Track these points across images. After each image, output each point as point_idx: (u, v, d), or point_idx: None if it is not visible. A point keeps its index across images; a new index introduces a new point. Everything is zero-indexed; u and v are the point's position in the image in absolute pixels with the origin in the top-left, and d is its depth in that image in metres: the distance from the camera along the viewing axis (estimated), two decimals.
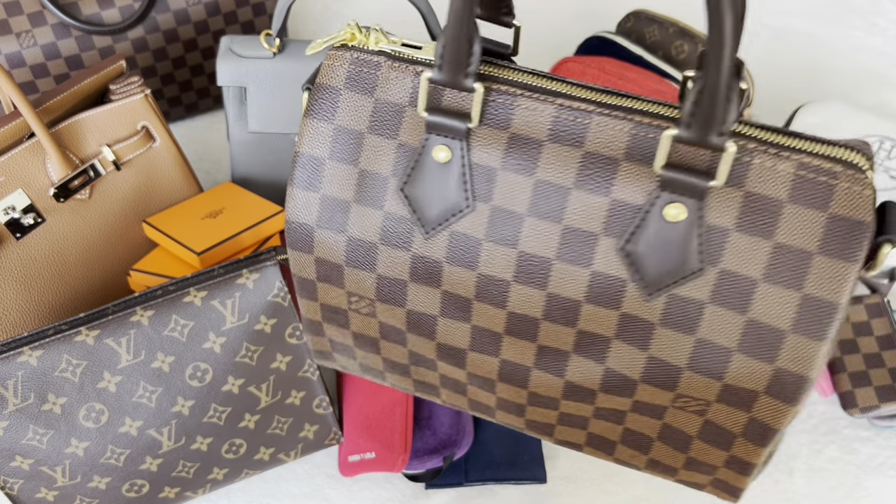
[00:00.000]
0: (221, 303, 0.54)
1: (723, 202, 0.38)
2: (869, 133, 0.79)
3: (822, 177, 0.37)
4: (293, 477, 0.66)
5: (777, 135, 0.38)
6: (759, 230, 0.37)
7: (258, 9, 0.84)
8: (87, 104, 0.67)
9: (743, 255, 0.38)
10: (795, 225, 0.37)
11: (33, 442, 0.53)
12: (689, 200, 0.37)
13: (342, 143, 0.43)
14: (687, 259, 0.38)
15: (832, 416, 0.71)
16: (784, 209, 0.37)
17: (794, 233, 0.37)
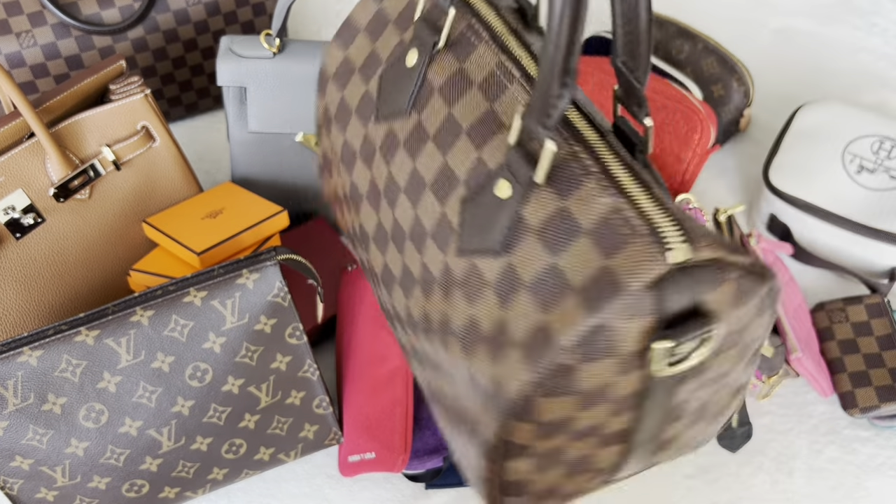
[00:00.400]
0: (221, 303, 0.54)
1: (541, 203, 0.38)
2: (868, 133, 0.79)
3: (624, 228, 0.36)
4: (293, 477, 0.66)
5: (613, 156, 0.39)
6: (557, 249, 0.38)
7: (258, 9, 0.84)
8: (86, 104, 0.67)
9: (529, 258, 0.39)
10: (585, 266, 0.37)
11: (33, 442, 0.53)
12: (516, 184, 0.39)
13: (375, 22, 0.50)
14: (492, 236, 0.40)
15: (832, 417, 0.71)
16: (581, 239, 0.37)
17: (575, 266, 0.37)
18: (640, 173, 0.38)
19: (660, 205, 0.37)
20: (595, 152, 0.39)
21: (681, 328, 0.36)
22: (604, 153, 0.39)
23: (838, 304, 0.74)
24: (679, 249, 0.35)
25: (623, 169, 0.38)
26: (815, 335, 0.73)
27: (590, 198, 0.37)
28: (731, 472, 0.67)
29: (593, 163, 0.38)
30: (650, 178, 0.39)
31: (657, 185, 0.39)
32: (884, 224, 0.74)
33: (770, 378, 0.68)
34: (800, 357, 0.68)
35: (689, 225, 0.36)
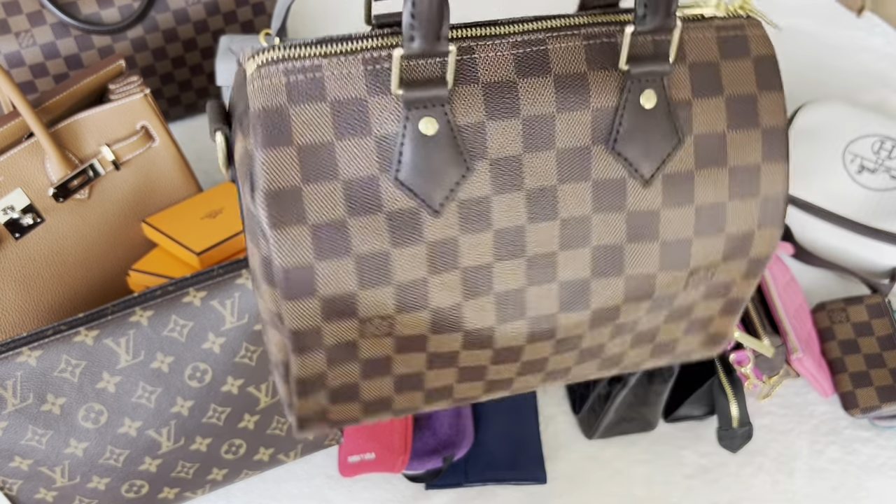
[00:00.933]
0: (221, 303, 0.54)
1: (677, 79, 0.42)
2: (869, 133, 0.79)
3: (737, 32, 0.43)
4: (293, 477, 0.66)
5: (681, 9, 0.43)
6: (711, 91, 0.43)
7: (257, 8, 0.84)
8: (86, 104, 0.67)
9: (707, 117, 0.43)
10: (735, 76, 0.43)
11: (32, 442, 0.53)
12: (656, 84, 0.41)
13: (313, 161, 0.38)
14: (667, 136, 0.42)
15: (833, 417, 0.70)
16: (721, 67, 0.43)
17: (736, 82, 0.43)
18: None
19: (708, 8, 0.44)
20: None
21: None
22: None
23: (839, 305, 0.74)
24: (754, 12, 0.44)
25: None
26: (815, 335, 0.73)
27: (699, 42, 0.43)
28: (731, 473, 0.67)
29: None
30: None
31: None
32: (884, 224, 0.74)
33: (771, 378, 0.68)
34: (800, 357, 0.68)
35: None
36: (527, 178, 0.41)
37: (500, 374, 0.48)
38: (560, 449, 0.68)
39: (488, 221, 0.41)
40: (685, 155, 0.43)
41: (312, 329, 0.41)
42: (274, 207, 0.38)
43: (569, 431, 0.69)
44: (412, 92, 0.38)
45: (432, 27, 0.37)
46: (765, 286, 0.69)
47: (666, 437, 0.69)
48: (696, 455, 0.68)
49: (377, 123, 0.39)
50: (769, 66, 0.44)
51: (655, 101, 0.42)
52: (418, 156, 0.39)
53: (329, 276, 0.40)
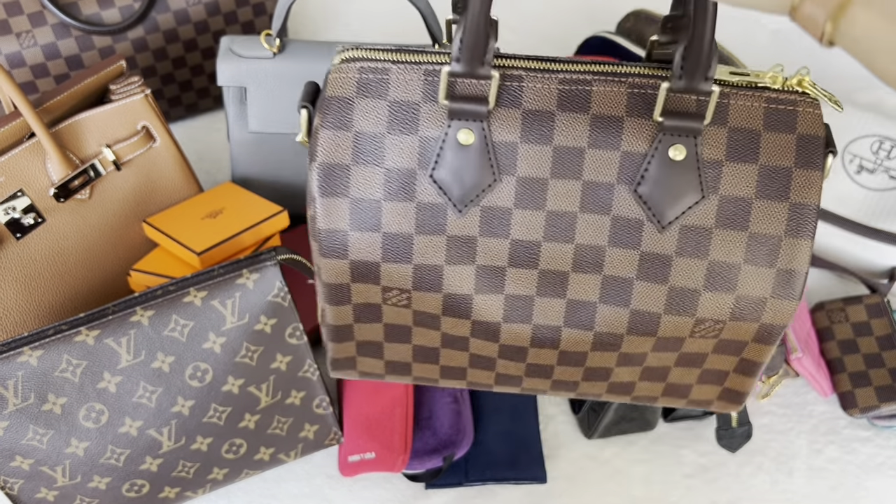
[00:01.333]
0: (221, 303, 0.54)
1: (713, 139, 0.45)
2: (868, 133, 0.79)
3: (787, 106, 0.45)
4: (293, 477, 0.66)
5: (739, 78, 0.45)
6: (745, 157, 0.45)
7: (258, 9, 0.84)
8: (87, 104, 0.67)
9: (736, 180, 0.45)
10: (773, 147, 0.45)
11: (33, 442, 0.53)
12: (686, 140, 0.44)
13: (364, 147, 0.45)
14: (691, 190, 0.45)
15: (832, 417, 0.71)
16: (762, 137, 0.45)
17: (774, 154, 0.45)
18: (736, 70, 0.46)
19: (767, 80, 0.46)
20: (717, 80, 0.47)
21: None
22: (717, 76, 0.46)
23: (838, 304, 0.74)
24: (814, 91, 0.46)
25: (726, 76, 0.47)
26: (814, 335, 0.73)
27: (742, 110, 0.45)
28: (730, 472, 0.67)
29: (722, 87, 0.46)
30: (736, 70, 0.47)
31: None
32: (884, 224, 0.74)
33: (770, 378, 0.68)
34: (799, 357, 0.68)
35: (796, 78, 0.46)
36: (549, 200, 0.45)
37: (507, 369, 0.52)
38: (560, 448, 0.68)
39: (507, 230, 0.46)
40: (706, 211, 0.45)
41: (343, 286, 0.48)
42: (324, 178, 0.45)
43: (568, 431, 0.69)
44: (455, 104, 0.44)
45: (476, 54, 0.42)
46: None
47: (665, 437, 0.69)
48: (695, 455, 0.68)
49: (424, 126, 0.45)
50: (813, 145, 0.45)
51: (684, 155, 0.44)
52: (454, 160, 0.45)
53: (359, 244, 0.46)
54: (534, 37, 1.00)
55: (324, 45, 0.73)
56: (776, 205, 0.45)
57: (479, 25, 0.41)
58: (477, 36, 0.42)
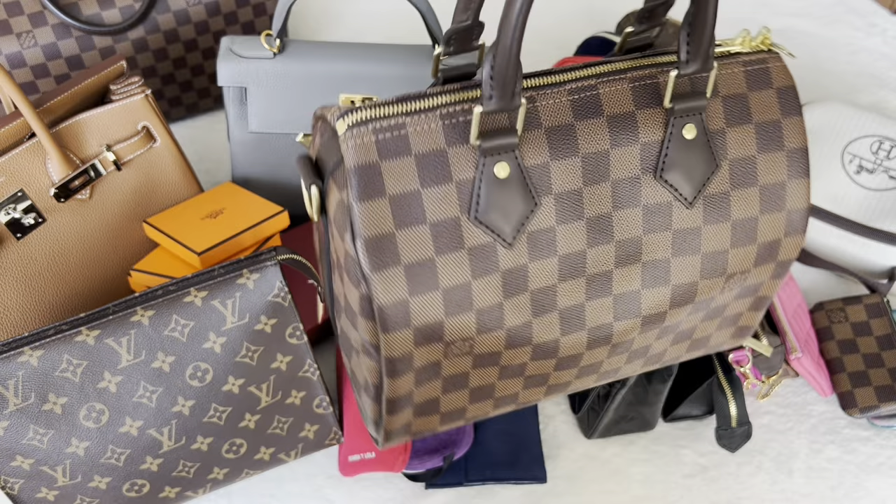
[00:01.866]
0: (222, 303, 0.54)
1: (712, 111, 0.48)
2: (868, 133, 0.79)
3: (760, 66, 0.49)
4: (293, 477, 0.66)
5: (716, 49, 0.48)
6: (742, 120, 0.48)
7: (259, 9, 0.84)
8: (87, 104, 0.67)
9: (740, 143, 0.48)
10: (760, 105, 0.48)
11: (34, 442, 0.53)
12: (695, 118, 0.47)
13: (404, 209, 0.43)
14: (706, 162, 0.47)
15: (832, 416, 0.71)
16: (749, 98, 0.48)
17: (762, 111, 0.48)
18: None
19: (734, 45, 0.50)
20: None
21: None
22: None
23: (838, 304, 0.74)
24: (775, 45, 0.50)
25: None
26: (814, 335, 0.73)
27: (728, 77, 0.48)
28: (730, 472, 0.67)
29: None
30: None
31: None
32: (883, 224, 0.74)
33: (769, 378, 0.68)
34: (799, 357, 0.68)
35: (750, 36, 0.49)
36: (586, 207, 0.46)
37: (560, 378, 0.53)
38: (560, 448, 0.68)
39: (553, 248, 0.46)
40: (722, 178, 0.48)
41: (405, 355, 0.46)
42: (373, 252, 0.43)
43: (568, 431, 0.69)
44: (488, 142, 0.43)
45: (508, 87, 0.41)
46: None
47: (665, 437, 0.69)
48: (695, 454, 0.68)
49: (456, 170, 0.44)
50: (790, 94, 0.49)
51: (695, 133, 0.47)
52: (493, 196, 0.44)
53: (421, 308, 0.44)
54: (534, 37, 1.00)
55: (324, 46, 0.73)
56: (776, 155, 0.49)
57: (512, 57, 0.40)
58: (509, 69, 0.41)
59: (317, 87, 0.73)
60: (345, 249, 0.45)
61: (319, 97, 0.73)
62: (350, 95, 0.73)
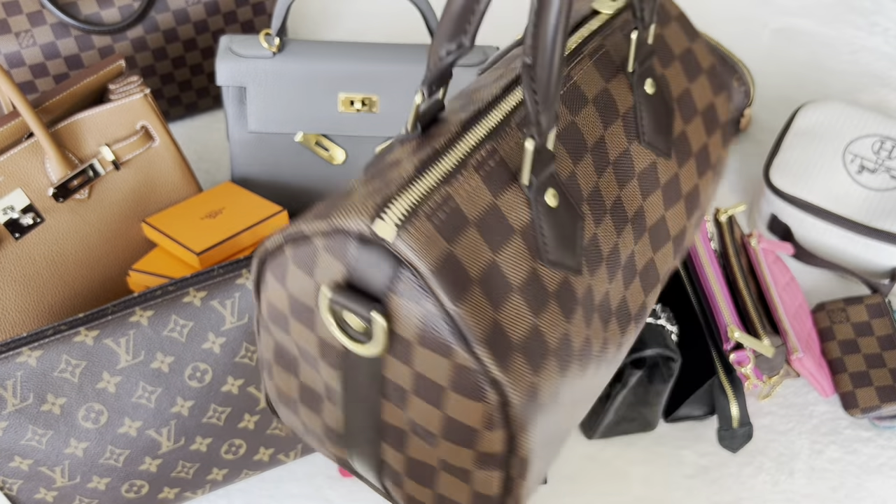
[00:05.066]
0: (221, 303, 0.54)
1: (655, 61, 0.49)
2: (869, 133, 0.79)
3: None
4: (293, 477, 0.66)
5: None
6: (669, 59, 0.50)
7: (258, 8, 0.84)
8: (86, 104, 0.67)
9: (676, 80, 0.50)
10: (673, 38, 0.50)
11: (32, 442, 0.53)
12: (651, 72, 0.48)
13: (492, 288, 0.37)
14: (667, 110, 0.48)
15: (833, 417, 0.70)
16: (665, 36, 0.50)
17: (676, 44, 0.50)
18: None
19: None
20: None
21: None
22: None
23: (839, 305, 0.74)
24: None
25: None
26: (815, 335, 0.73)
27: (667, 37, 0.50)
28: (731, 473, 0.67)
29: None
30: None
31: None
32: (884, 224, 0.74)
33: (771, 378, 0.68)
34: (801, 357, 0.68)
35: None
36: (605, 199, 0.44)
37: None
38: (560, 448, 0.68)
39: (599, 255, 0.43)
40: (677, 119, 0.50)
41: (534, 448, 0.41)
42: (493, 348, 0.36)
43: None
44: (540, 175, 0.39)
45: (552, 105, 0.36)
46: (765, 286, 0.69)
47: (666, 438, 0.69)
48: (696, 455, 0.68)
49: (514, 219, 0.38)
50: (685, 20, 0.52)
51: (655, 87, 0.48)
52: (554, 229, 0.40)
53: (546, 381, 0.39)
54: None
55: (323, 45, 0.73)
56: (701, 79, 0.51)
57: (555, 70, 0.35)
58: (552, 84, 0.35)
59: (316, 86, 0.72)
60: (453, 364, 0.37)
61: (319, 96, 0.73)
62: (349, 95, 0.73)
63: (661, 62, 0.49)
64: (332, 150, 0.75)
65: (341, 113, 0.73)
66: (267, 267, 0.41)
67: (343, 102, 0.73)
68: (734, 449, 0.64)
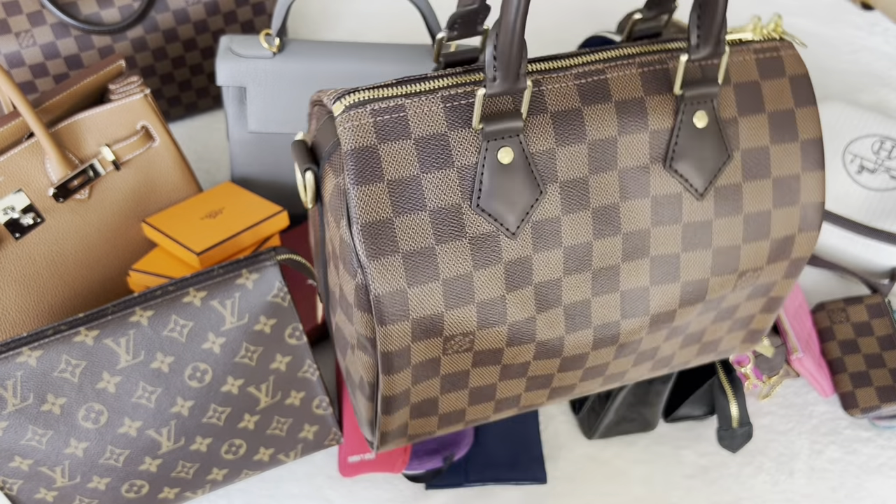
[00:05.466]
0: (221, 303, 0.54)
1: (724, 99, 0.46)
2: (869, 133, 0.79)
3: (772, 53, 0.47)
4: (293, 477, 0.66)
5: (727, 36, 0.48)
6: (754, 109, 0.47)
7: (258, 8, 0.84)
8: (86, 104, 0.67)
9: (753, 132, 0.47)
10: (774, 94, 0.47)
11: (32, 442, 0.53)
12: (706, 105, 0.45)
13: (402, 194, 0.41)
14: (718, 152, 0.46)
15: (833, 417, 0.70)
16: (762, 86, 0.47)
17: (776, 100, 0.47)
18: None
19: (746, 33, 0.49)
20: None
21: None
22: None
23: (839, 305, 0.74)
24: (786, 34, 0.48)
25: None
26: (815, 335, 0.73)
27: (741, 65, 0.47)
28: (731, 473, 0.67)
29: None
30: None
31: None
32: (884, 224, 0.74)
33: (770, 378, 0.68)
34: (800, 357, 0.68)
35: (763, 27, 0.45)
36: (593, 197, 0.44)
37: (563, 380, 0.50)
38: (560, 449, 0.68)
39: (559, 240, 0.44)
40: (734, 169, 0.47)
41: (402, 350, 0.44)
42: (370, 239, 0.41)
43: (569, 431, 0.69)
44: (491, 125, 0.41)
45: (513, 67, 0.40)
46: None
47: (666, 437, 0.69)
48: (695, 455, 0.68)
49: (458, 155, 0.42)
50: (803, 83, 0.48)
51: (707, 121, 0.45)
52: (496, 183, 0.42)
53: (420, 300, 0.42)
54: (534, 37, 1.00)
55: (323, 45, 0.73)
56: (790, 146, 0.47)
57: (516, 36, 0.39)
58: (514, 48, 0.39)
59: (316, 86, 0.72)
60: (340, 237, 0.43)
61: None
62: None
63: (741, 107, 0.46)
64: None
65: None
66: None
67: None
68: (734, 449, 0.64)
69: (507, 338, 0.46)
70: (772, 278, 0.51)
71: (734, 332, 0.54)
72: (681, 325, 0.50)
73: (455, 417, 0.52)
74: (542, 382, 0.51)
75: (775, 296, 0.52)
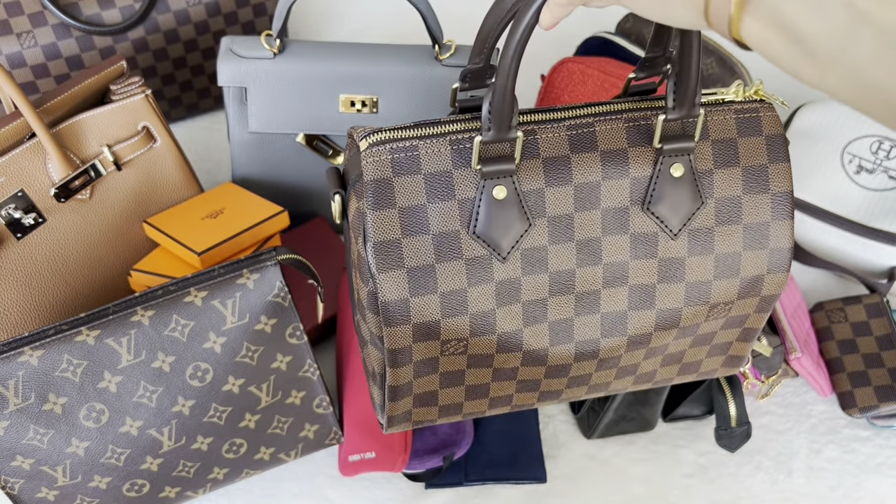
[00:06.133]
0: (222, 303, 0.54)
1: (701, 153, 0.52)
2: (867, 133, 0.79)
3: (751, 114, 0.52)
4: (293, 477, 0.66)
5: (709, 97, 0.53)
6: (729, 162, 0.52)
7: (259, 9, 0.84)
8: (87, 104, 0.67)
9: (726, 183, 0.52)
10: (749, 150, 0.52)
11: (34, 442, 0.53)
12: (683, 158, 0.51)
13: (410, 220, 0.49)
14: (692, 199, 0.51)
15: (831, 416, 0.71)
16: (738, 143, 0.52)
17: (751, 155, 0.52)
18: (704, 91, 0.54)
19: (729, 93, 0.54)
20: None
21: None
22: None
23: (837, 304, 0.74)
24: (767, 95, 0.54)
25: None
26: (814, 335, 0.73)
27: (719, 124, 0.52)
28: (730, 472, 0.67)
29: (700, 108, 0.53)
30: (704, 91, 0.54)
31: None
32: (883, 224, 0.74)
33: (769, 378, 0.68)
34: (799, 357, 0.68)
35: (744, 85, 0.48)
36: (577, 231, 0.51)
37: (551, 386, 0.56)
38: (560, 448, 0.68)
39: (545, 266, 0.51)
40: (707, 214, 0.52)
41: (405, 348, 0.51)
42: (380, 255, 0.49)
43: (568, 431, 0.69)
44: (488, 167, 0.48)
45: (504, 121, 0.47)
46: None
47: (665, 437, 0.69)
48: (694, 454, 0.68)
49: (460, 190, 0.49)
50: (778, 142, 0.53)
51: (683, 172, 0.51)
52: (491, 215, 0.49)
53: (420, 308, 0.50)
54: (534, 38, 1.00)
55: (324, 46, 0.73)
56: (761, 197, 0.52)
57: (507, 97, 0.46)
58: (504, 106, 0.46)
59: (317, 87, 0.73)
60: (358, 251, 0.51)
61: (319, 97, 0.73)
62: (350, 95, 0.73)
63: (717, 160, 0.52)
64: (332, 150, 0.76)
65: (342, 114, 0.74)
66: None
67: (344, 103, 0.73)
68: (732, 448, 0.64)
69: (496, 345, 0.52)
70: (744, 311, 0.56)
71: (714, 356, 0.59)
72: (659, 347, 0.56)
73: (453, 409, 0.57)
74: (531, 386, 0.56)
75: (749, 327, 0.57)
